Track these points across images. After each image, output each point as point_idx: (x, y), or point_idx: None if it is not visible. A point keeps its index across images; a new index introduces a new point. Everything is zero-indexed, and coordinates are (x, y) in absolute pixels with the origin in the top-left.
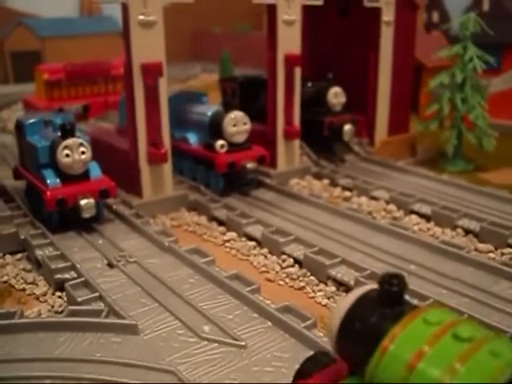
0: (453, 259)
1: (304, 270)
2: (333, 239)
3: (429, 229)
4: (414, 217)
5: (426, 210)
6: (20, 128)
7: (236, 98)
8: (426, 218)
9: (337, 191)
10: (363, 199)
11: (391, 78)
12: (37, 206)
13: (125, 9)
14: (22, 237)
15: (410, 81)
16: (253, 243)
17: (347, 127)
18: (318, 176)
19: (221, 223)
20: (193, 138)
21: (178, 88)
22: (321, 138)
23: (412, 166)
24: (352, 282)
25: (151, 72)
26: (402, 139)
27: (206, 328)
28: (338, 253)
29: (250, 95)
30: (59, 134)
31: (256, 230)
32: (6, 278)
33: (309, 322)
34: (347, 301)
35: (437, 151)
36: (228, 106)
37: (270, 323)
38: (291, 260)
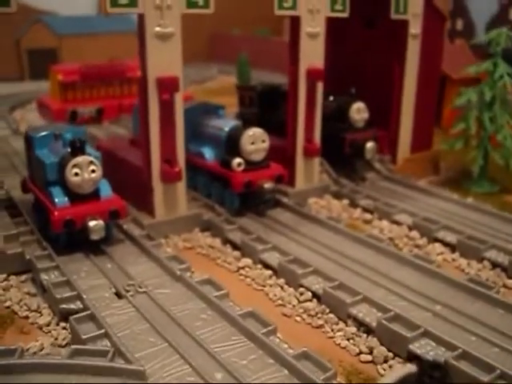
0: (480, 299)
1: (323, 307)
2: (353, 271)
3: (454, 259)
4: (437, 245)
5: (450, 238)
6: (29, 141)
7: (253, 107)
8: (451, 247)
9: (357, 212)
10: (384, 223)
11: (416, 92)
12: (44, 223)
13: (141, 20)
14: (28, 257)
15: (436, 95)
16: (269, 272)
17: (369, 145)
18: (338, 195)
19: (235, 246)
20: (208, 153)
21: (193, 89)
22: (341, 155)
23: (435, 186)
24: (374, 324)
25: (167, 87)
26: (425, 156)
27: (219, 376)
28: (359, 288)
29: (268, 105)
30: (69, 149)
31: (272, 258)
32: (9, 303)
33: (328, 374)
34: None
35: (460, 169)
36: (246, 122)
37: (286, 371)
38: (309, 294)
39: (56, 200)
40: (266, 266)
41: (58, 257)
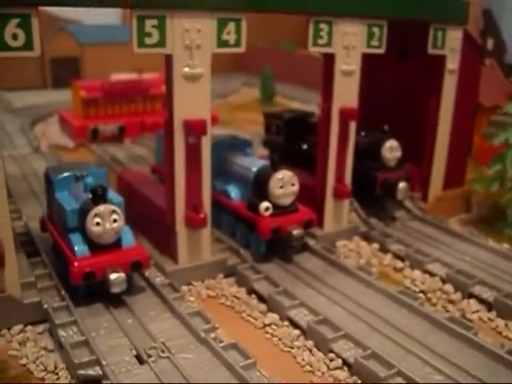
0: None
1: (354, 378)
2: (386, 335)
3: (490, 319)
4: (473, 302)
5: (487, 295)
6: (49, 181)
7: (280, 135)
8: (487, 304)
9: (387, 259)
10: (417, 273)
11: (451, 128)
12: (63, 268)
13: (168, 60)
14: (45, 306)
15: (471, 131)
16: (297, 332)
17: (401, 185)
18: (367, 237)
19: (261, 297)
20: (234, 193)
21: (217, 104)
22: (372, 195)
23: (467, 227)
24: None
25: (194, 130)
26: (457, 194)
27: None
28: (392, 359)
29: (295, 135)
30: (90, 195)
31: (300, 316)
32: (25, 361)
33: None
34: None
35: (493, 205)
36: (274, 163)
37: None
38: (340, 361)
39: (76, 248)
40: (294, 324)
41: (77, 308)
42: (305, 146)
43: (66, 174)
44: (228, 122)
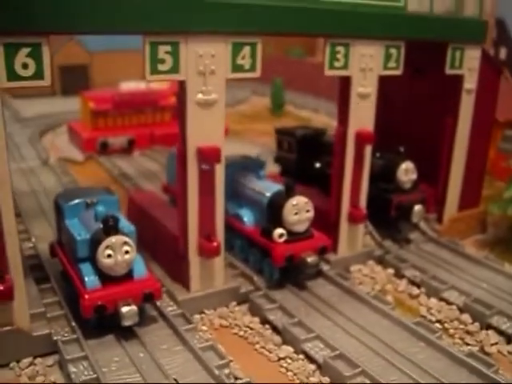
0: None
1: None
2: (404, 372)
3: (510, 353)
4: (491, 333)
5: (505, 326)
6: (59, 208)
7: (292, 154)
8: (506, 336)
9: (402, 285)
10: (433, 301)
11: (467, 148)
12: (72, 297)
13: (182, 86)
14: (55, 338)
15: (487, 150)
16: (312, 366)
17: (417, 208)
18: (382, 261)
19: (275, 328)
20: (247, 217)
21: (227, 112)
22: (387, 218)
23: (483, 250)
24: None
25: (208, 158)
26: (473, 215)
27: None
28: None
29: (307, 153)
30: (101, 225)
31: (316, 350)
32: None
33: None
34: None
35: (508, 225)
36: (289, 189)
37: None
38: None
39: (86, 279)
40: (309, 357)
41: (87, 341)
42: (317, 165)
43: (76, 201)
44: (238, 133)
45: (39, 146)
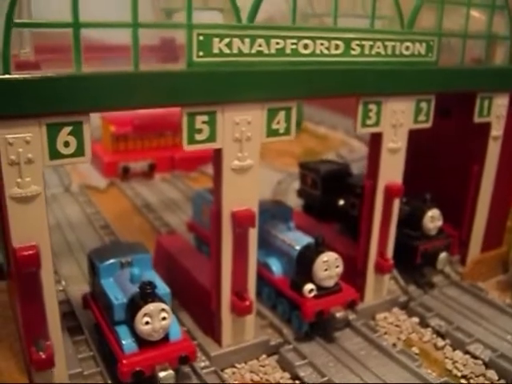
0: None
1: None
2: None
3: None
4: None
5: None
6: (92, 265)
7: (316, 190)
8: None
9: (427, 335)
10: (458, 354)
11: (492, 191)
12: (106, 350)
13: (218, 154)
14: None
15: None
16: None
17: (442, 256)
18: (407, 308)
19: None
20: (276, 267)
21: None
22: (412, 264)
23: (506, 298)
24: None
25: (242, 222)
26: (495, 255)
27: None
28: None
29: (331, 191)
30: (137, 288)
31: None
32: None
33: None
34: None
35: None
36: (319, 244)
37: None
38: None
39: (124, 342)
40: None
41: None
42: (341, 202)
43: (111, 261)
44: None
45: (61, 171)
